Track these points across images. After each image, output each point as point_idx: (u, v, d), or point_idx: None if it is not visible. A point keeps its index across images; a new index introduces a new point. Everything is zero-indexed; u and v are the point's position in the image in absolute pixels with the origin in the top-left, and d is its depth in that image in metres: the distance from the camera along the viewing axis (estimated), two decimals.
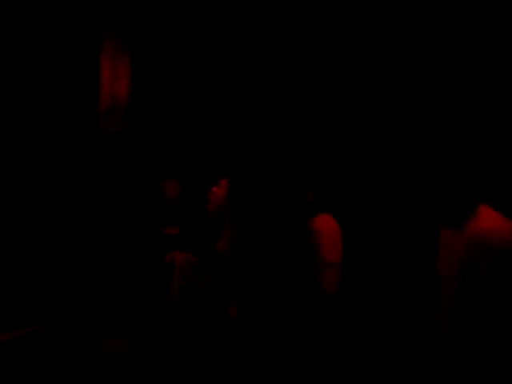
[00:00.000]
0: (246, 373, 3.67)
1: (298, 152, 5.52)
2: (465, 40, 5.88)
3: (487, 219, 3.13)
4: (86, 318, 5.53)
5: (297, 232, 3.95)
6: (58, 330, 5.32)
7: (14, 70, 5.94)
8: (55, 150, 6.00)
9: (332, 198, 5.05)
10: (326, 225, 4.59)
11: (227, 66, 6.61)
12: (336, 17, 6.31)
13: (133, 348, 4.07)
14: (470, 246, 3.09)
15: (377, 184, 6.07)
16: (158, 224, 6.01)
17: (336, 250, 4.59)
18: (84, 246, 5.94)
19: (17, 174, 6.00)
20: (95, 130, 6.23)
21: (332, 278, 4.52)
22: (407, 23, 6.08)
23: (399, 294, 5.37)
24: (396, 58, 6.18)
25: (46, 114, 6.18)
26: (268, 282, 3.88)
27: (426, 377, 3.45)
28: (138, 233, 6.03)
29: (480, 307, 3.06)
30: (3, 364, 4.85)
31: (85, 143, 6.12)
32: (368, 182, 6.11)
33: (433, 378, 3.38)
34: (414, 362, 3.86)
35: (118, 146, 6.24)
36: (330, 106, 6.37)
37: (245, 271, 3.93)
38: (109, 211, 6.11)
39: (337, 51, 6.37)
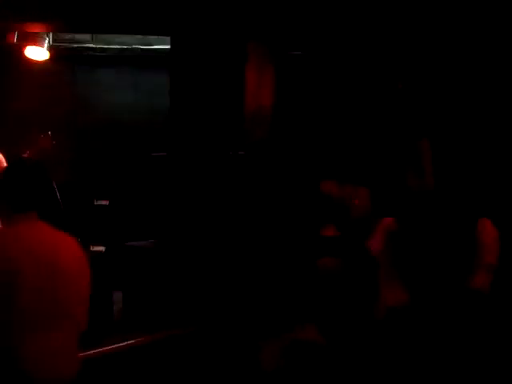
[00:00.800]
0: None
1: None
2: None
3: None
4: (242, 323, 5.61)
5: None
6: (211, 334, 5.58)
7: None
8: (207, 155, 6.20)
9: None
10: (489, 227, 4.71)
11: (372, 70, 6.57)
12: None
13: None
14: None
15: None
16: (315, 225, 5.95)
17: (496, 251, 4.68)
18: (236, 249, 6.07)
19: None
20: (242, 137, 6.51)
21: (489, 279, 4.62)
22: None
23: None
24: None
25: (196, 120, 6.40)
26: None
27: None
28: (292, 235, 6.05)
29: None
30: (155, 362, 5.27)
31: (233, 149, 6.41)
32: None
33: None
34: None
35: (263, 151, 6.49)
36: None
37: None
38: (258, 214, 6.22)
39: None
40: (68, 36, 8.24)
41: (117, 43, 8.41)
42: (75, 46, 8.42)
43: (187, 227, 6.21)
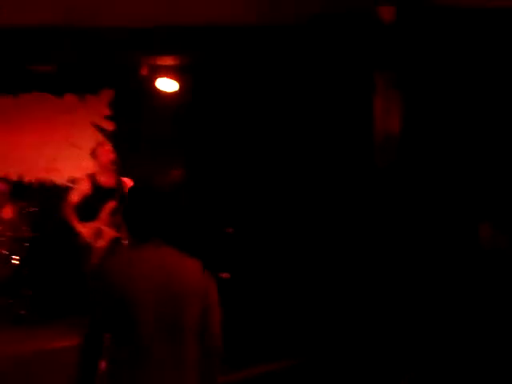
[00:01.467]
0: None
1: None
2: None
3: None
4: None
5: None
6: (318, 366, 5.46)
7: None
8: (336, 180, 6.26)
9: None
10: None
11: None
12: None
13: None
14: None
15: None
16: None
17: None
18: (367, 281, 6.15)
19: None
20: (371, 163, 6.55)
21: None
22: None
23: None
24: None
25: (327, 149, 6.47)
26: None
27: None
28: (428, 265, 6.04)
29: None
30: None
31: (362, 174, 6.54)
32: None
33: None
34: None
35: (392, 176, 6.47)
36: None
37: None
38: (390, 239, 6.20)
39: None
40: None
41: None
42: None
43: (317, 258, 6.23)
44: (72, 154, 8.82)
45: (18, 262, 7.54)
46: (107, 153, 7.16)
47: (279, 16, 6.54)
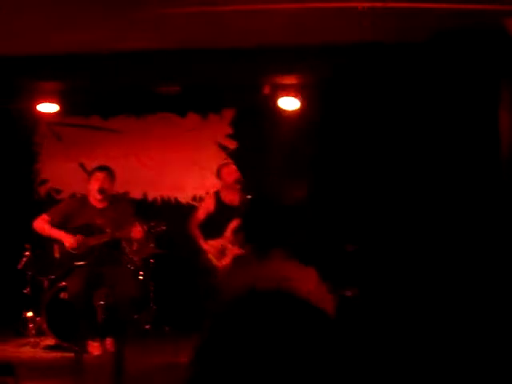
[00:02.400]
0: None
1: None
2: None
3: None
4: None
5: None
6: None
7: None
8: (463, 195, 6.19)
9: None
10: None
11: None
12: None
13: None
14: None
15: None
16: None
17: None
18: None
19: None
20: (498, 177, 6.51)
21: None
22: None
23: None
24: None
25: (454, 163, 6.40)
26: None
27: None
28: None
29: None
30: None
31: (489, 188, 6.45)
32: None
33: None
34: None
35: None
36: None
37: None
38: None
39: None
40: None
41: None
42: None
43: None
44: (195, 173, 9.02)
45: (142, 278, 7.73)
46: (232, 172, 7.28)
47: (404, 33, 6.51)
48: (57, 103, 8.34)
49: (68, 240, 7.05)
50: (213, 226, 7.21)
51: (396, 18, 6.07)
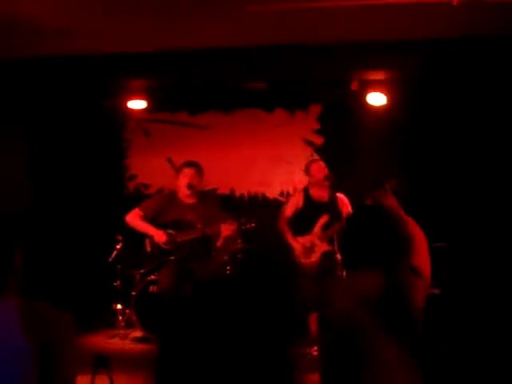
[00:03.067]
0: None
1: None
2: None
3: None
4: None
5: None
6: None
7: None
8: None
9: None
10: None
11: None
12: None
13: None
14: None
15: None
16: None
17: None
18: None
19: None
20: None
21: None
22: None
23: None
24: None
25: None
26: None
27: None
28: None
29: None
30: None
31: None
32: None
33: None
34: None
35: None
36: None
37: None
38: None
39: None
40: None
41: None
42: None
43: None
44: (283, 168, 9.05)
45: (229, 273, 7.78)
46: (321, 169, 7.25)
47: (496, 26, 6.38)
48: (145, 100, 8.48)
49: (159, 235, 7.18)
50: (301, 223, 7.20)
51: (489, 11, 5.94)
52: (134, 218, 7.31)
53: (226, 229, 6.96)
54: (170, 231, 7.19)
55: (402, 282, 3.02)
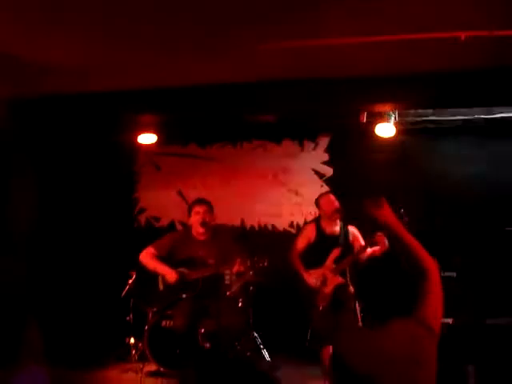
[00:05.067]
0: None
1: None
2: None
3: None
4: None
5: None
6: None
7: None
8: None
9: None
10: None
11: None
12: None
13: None
14: None
15: None
16: None
17: None
18: None
19: None
20: None
21: None
22: None
23: None
24: None
25: None
26: None
27: None
28: None
29: None
30: None
31: None
32: None
33: None
34: None
35: None
36: None
37: None
38: None
39: None
40: (412, 111, 8.39)
41: (460, 114, 8.36)
42: (418, 119, 8.53)
43: None
44: (292, 200, 9.10)
45: (241, 305, 7.79)
46: (331, 202, 7.29)
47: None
48: (155, 133, 8.54)
49: (170, 275, 7.21)
50: (313, 256, 7.24)
51: (497, 45, 5.99)
52: (147, 257, 7.33)
53: (239, 267, 6.99)
54: (182, 269, 7.22)
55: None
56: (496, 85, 6.72)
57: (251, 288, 7.93)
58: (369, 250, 7.07)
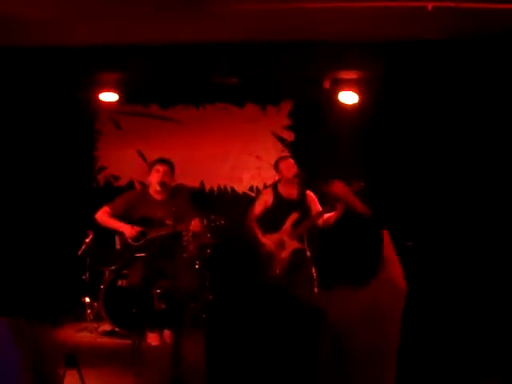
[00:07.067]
0: None
1: None
2: None
3: None
4: None
5: None
6: None
7: None
8: None
9: None
10: None
11: None
12: None
13: None
14: None
15: None
16: None
17: None
18: None
19: None
20: None
21: None
22: None
23: None
24: None
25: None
26: None
27: None
28: None
29: None
30: None
31: None
32: None
33: None
34: None
35: None
36: None
37: None
38: None
39: None
40: None
41: None
42: None
43: None
44: (253, 164, 9.09)
45: (198, 267, 7.80)
46: (290, 167, 7.26)
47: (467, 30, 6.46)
48: (117, 92, 8.44)
49: (129, 230, 7.15)
50: (271, 220, 7.23)
51: (462, 17, 6.01)
52: (103, 216, 7.24)
53: (196, 225, 6.95)
54: (140, 227, 7.19)
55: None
56: (457, 57, 6.77)
57: (208, 251, 7.94)
58: (326, 215, 7.02)
